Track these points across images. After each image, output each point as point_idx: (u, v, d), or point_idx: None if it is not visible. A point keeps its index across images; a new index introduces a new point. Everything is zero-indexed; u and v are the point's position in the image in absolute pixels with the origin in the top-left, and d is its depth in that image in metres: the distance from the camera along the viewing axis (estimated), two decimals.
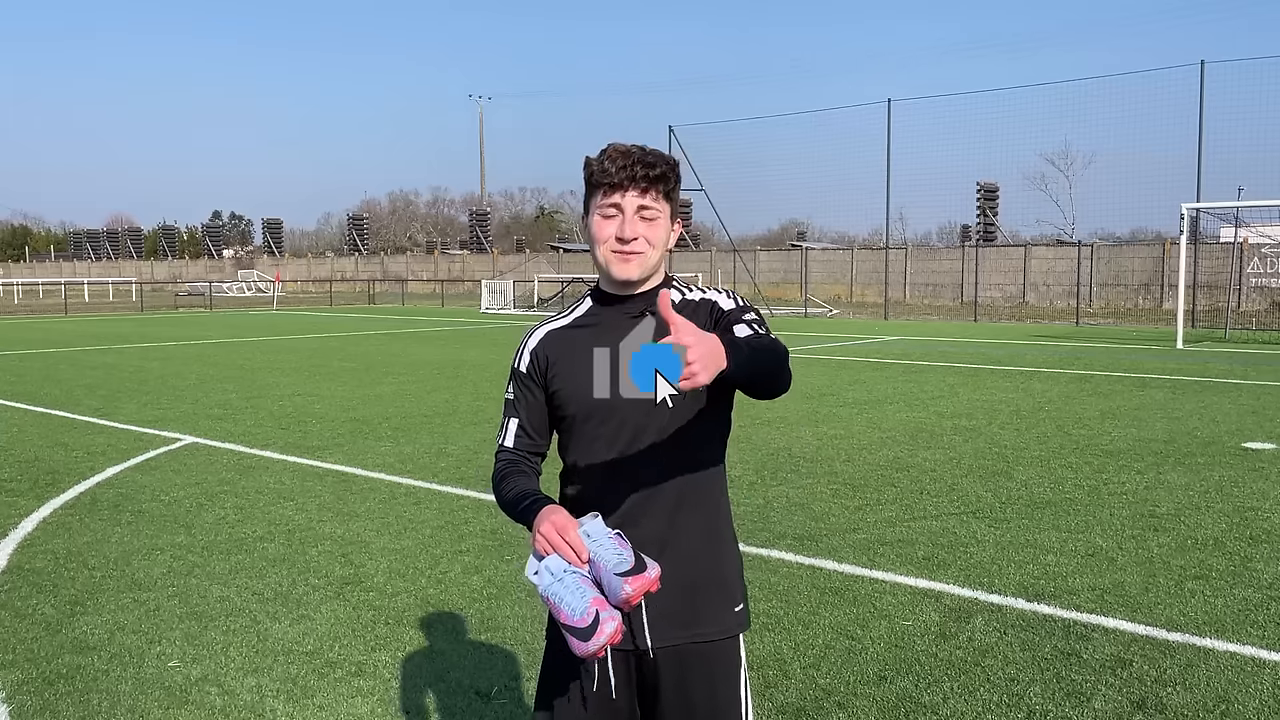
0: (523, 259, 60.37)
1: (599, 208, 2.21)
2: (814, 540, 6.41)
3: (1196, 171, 29.77)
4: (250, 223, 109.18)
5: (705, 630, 2.24)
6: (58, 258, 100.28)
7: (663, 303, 1.83)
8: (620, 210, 2.19)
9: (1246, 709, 4.02)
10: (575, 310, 2.37)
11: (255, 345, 23.03)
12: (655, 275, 2.29)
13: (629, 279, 2.22)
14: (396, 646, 4.74)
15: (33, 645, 4.78)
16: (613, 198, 2.19)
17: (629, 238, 2.18)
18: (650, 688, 2.25)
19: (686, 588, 2.22)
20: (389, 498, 7.69)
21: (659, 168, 2.19)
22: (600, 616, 2.00)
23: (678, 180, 2.25)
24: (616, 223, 2.20)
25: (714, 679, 2.25)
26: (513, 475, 2.30)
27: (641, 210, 2.19)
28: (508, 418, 2.37)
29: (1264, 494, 7.61)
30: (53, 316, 38.58)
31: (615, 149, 2.21)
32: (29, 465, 8.98)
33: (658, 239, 2.22)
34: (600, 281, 2.33)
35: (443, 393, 14.03)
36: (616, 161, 2.18)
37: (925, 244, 53.82)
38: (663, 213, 2.22)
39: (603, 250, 2.22)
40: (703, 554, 2.26)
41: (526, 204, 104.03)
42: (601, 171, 2.19)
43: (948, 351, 20.66)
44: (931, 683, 4.29)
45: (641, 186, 2.18)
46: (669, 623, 2.21)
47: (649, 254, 2.22)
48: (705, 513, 2.28)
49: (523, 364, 2.35)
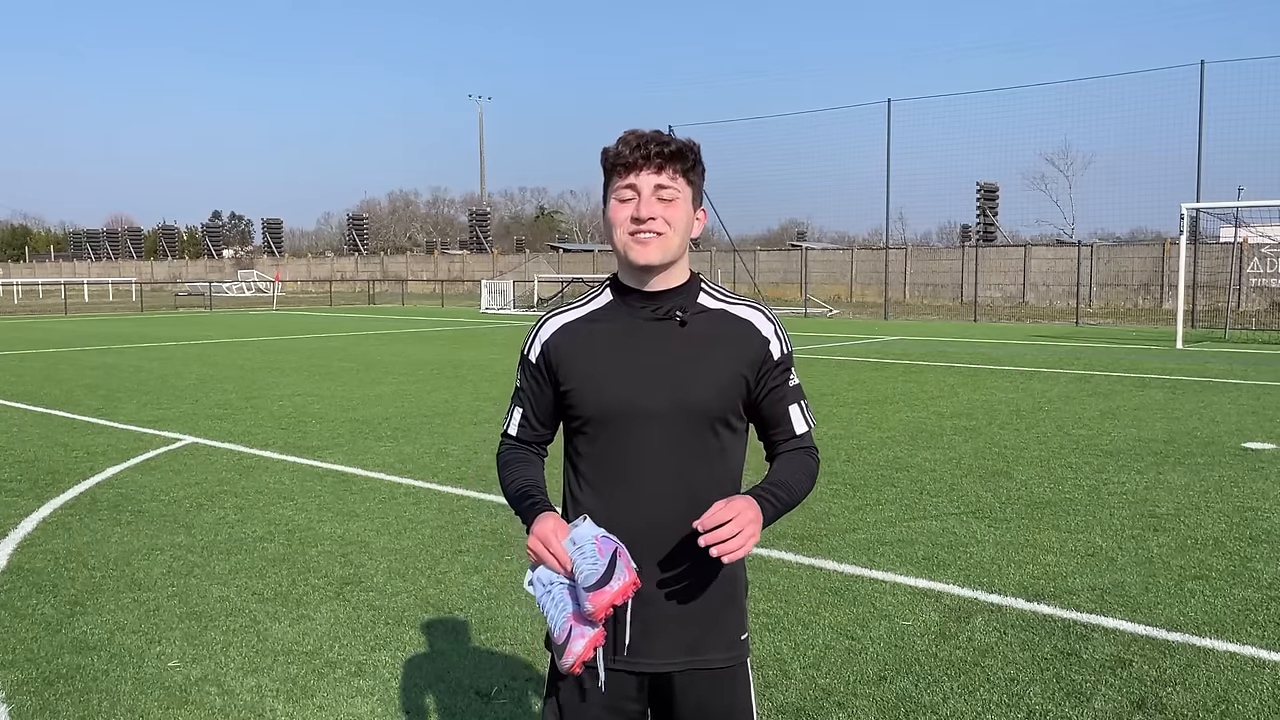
0: (522, 259, 60.37)
1: (615, 191, 2.12)
2: (814, 540, 6.41)
3: (1196, 171, 29.81)
4: (250, 223, 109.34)
5: (715, 657, 2.17)
6: (58, 258, 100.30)
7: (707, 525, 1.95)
8: (636, 191, 2.10)
9: (1246, 709, 4.02)
10: (592, 302, 2.25)
11: (255, 345, 23.03)
12: (679, 268, 2.18)
13: (648, 263, 2.10)
14: (396, 646, 4.74)
15: (33, 645, 4.78)
16: (628, 179, 2.10)
17: (645, 217, 2.08)
18: (664, 700, 2.20)
19: (696, 609, 2.16)
20: (389, 498, 7.69)
21: (674, 145, 2.10)
22: (572, 633, 1.96)
23: (697, 162, 2.15)
24: (633, 205, 2.10)
25: (726, 695, 2.19)
26: (515, 464, 2.26)
27: (659, 190, 2.09)
28: (514, 405, 2.30)
29: (1264, 494, 7.61)
30: (53, 316, 38.58)
31: (630, 132, 2.13)
32: (29, 465, 8.98)
33: (677, 221, 2.11)
34: (619, 273, 2.21)
35: (443, 393, 14.02)
36: (630, 143, 2.10)
37: (925, 244, 53.85)
38: (682, 194, 2.12)
39: (619, 234, 2.11)
40: (713, 574, 2.16)
41: (526, 204, 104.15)
42: (616, 154, 2.11)
43: (948, 351, 20.66)
44: (931, 683, 4.29)
45: (657, 164, 2.09)
46: (685, 647, 2.15)
47: (669, 236, 2.10)
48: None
49: (532, 353, 2.25)
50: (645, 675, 2.17)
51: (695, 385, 2.13)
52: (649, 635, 2.14)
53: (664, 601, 2.14)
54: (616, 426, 2.14)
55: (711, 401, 2.14)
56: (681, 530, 2.11)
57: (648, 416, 2.12)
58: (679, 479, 2.14)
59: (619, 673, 2.16)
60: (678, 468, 2.14)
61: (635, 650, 2.14)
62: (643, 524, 2.13)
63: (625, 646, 2.14)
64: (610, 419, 2.14)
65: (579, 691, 2.18)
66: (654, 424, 2.12)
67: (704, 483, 2.15)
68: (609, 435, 2.15)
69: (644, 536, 2.12)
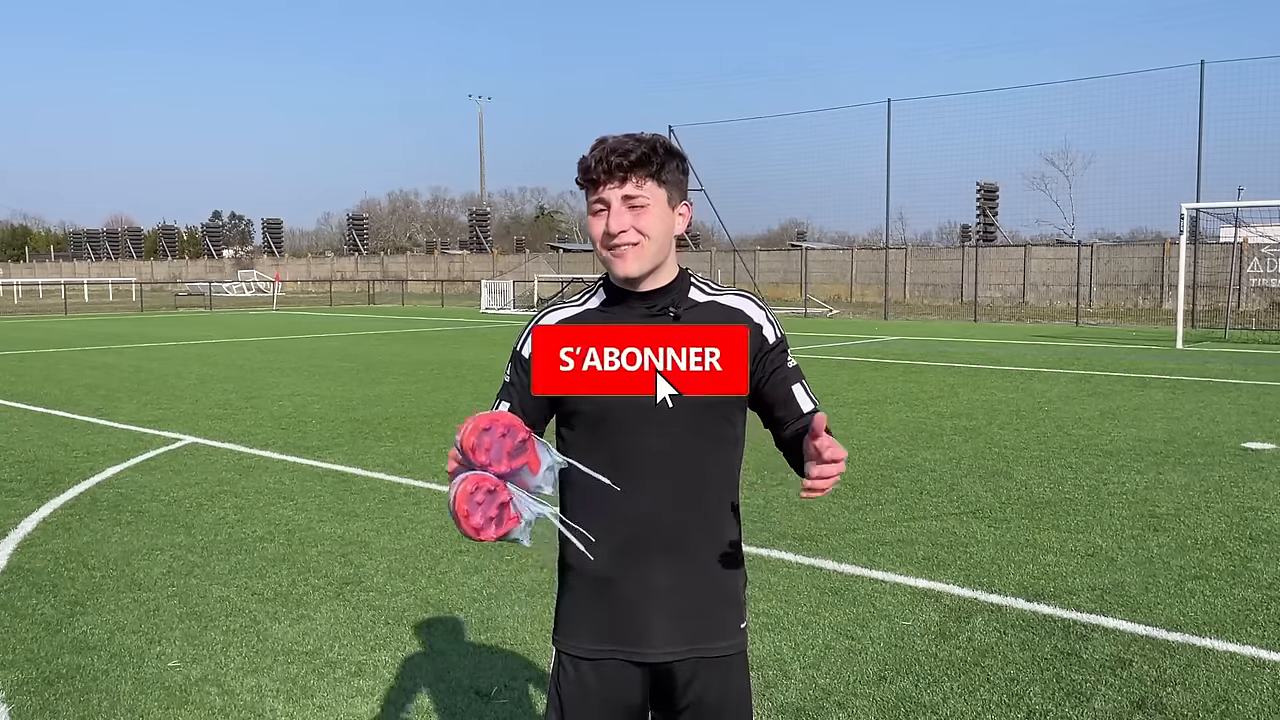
0: (522, 259, 60.37)
1: (590, 205, 2.13)
2: (814, 540, 6.41)
3: (1196, 171, 29.81)
4: (250, 223, 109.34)
5: (715, 646, 2.19)
6: (58, 258, 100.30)
7: (817, 430, 1.94)
8: (606, 205, 2.10)
9: (1246, 709, 4.02)
10: (588, 301, 2.26)
11: (255, 345, 23.03)
12: (666, 267, 2.18)
13: (629, 275, 2.12)
14: (396, 646, 4.74)
15: (33, 645, 4.78)
16: (597, 193, 2.10)
17: (615, 231, 2.08)
18: (665, 693, 2.21)
19: (696, 600, 2.17)
20: (389, 498, 7.69)
21: (636, 152, 2.07)
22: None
23: (668, 160, 2.11)
24: (604, 217, 2.10)
25: (725, 683, 2.21)
26: None
27: (627, 201, 2.08)
28: (499, 400, 2.25)
29: (1264, 494, 7.61)
30: (53, 316, 38.58)
31: (597, 142, 2.12)
32: (29, 465, 8.98)
33: (651, 227, 2.10)
34: (609, 275, 2.21)
35: (443, 393, 14.02)
36: (595, 155, 2.08)
37: (925, 244, 53.84)
38: (653, 199, 2.10)
39: (599, 248, 2.13)
40: (712, 565, 2.19)
41: (526, 204, 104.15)
42: (584, 169, 2.10)
43: (948, 351, 20.66)
44: (931, 683, 4.29)
45: (620, 177, 2.07)
46: (684, 636, 2.16)
47: (644, 245, 2.10)
48: (716, 523, 2.20)
49: (525, 349, 2.24)
50: (647, 667, 2.19)
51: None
52: (650, 626, 2.16)
53: (664, 593, 2.16)
54: (613, 421, 2.14)
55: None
56: (680, 523, 2.14)
57: (644, 410, 2.13)
58: (677, 473, 2.15)
59: (620, 663, 2.18)
60: (675, 462, 2.14)
61: (636, 640, 2.16)
62: (642, 517, 2.14)
63: (626, 637, 2.16)
64: (606, 414, 2.14)
65: (580, 687, 2.20)
66: (651, 418, 2.13)
67: (701, 477, 2.17)
68: (606, 431, 2.15)
69: (644, 529, 2.14)
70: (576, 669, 2.20)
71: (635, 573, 2.15)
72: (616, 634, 2.17)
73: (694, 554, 2.17)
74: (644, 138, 2.12)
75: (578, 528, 2.10)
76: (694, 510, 2.17)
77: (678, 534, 2.15)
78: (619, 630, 2.17)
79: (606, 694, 2.19)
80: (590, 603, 2.20)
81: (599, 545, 2.15)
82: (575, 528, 2.10)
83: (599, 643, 2.18)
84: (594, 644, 2.19)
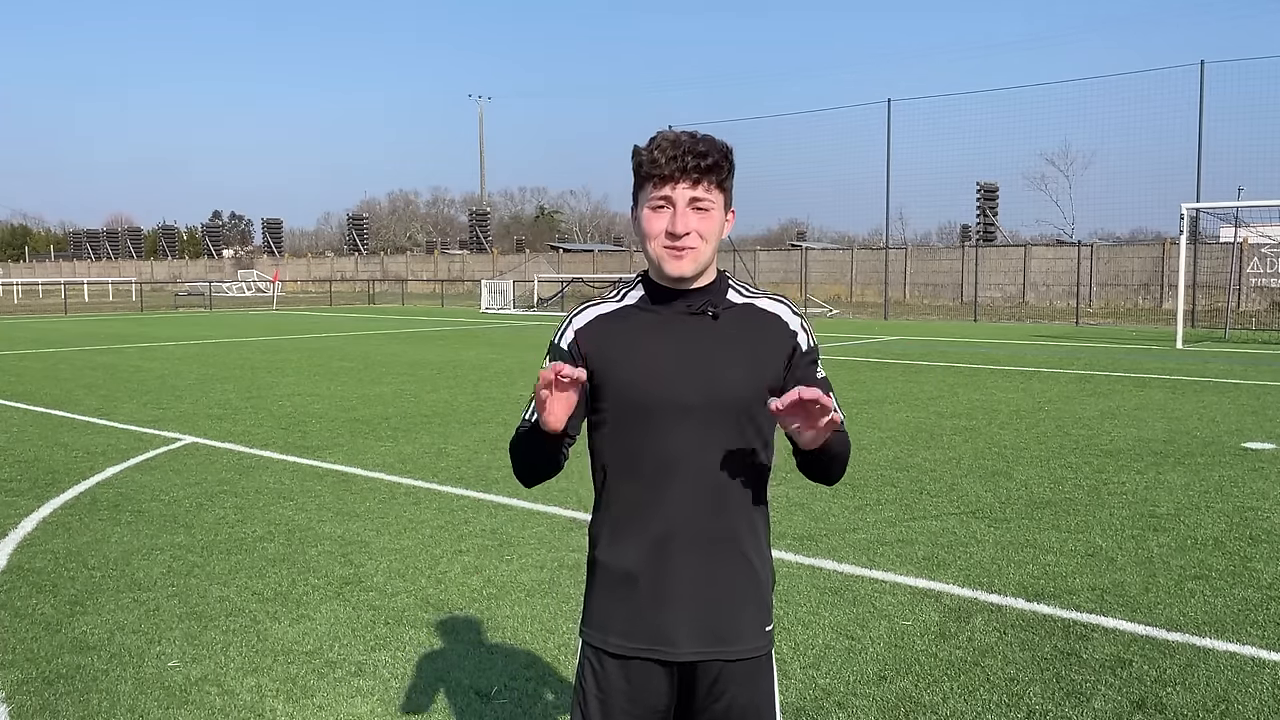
0: (522, 259, 60.38)
1: (649, 200, 2.09)
2: (814, 540, 6.41)
3: (1196, 171, 29.83)
4: (250, 223, 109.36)
5: (740, 647, 2.19)
6: (57, 258, 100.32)
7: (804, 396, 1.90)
8: (671, 204, 2.07)
9: (1246, 709, 4.02)
10: (626, 297, 2.23)
11: (255, 345, 23.03)
12: (710, 268, 2.18)
13: (683, 275, 2.11)
14: (396, 646, 4.74)
15: (33, 645, 4.78)
16: (663, 190, 2.07)
17: (681, 233, 2.06)
18: (689, 693, 2.21)
19: (723, 601, 2.17)
20: (389, 498, 7.69)
21: (711, 156, 2.06)
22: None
23: (732, 168, 2.12)
24: (667, 217, 2.08)
25: (750, 685, 2.21)
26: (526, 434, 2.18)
27: (694, 203, 2.07)
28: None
29: (1264, 494, 7.61)
30: (53, 316, 38.57)
31: (664, 137, 2.09)
32: (29, 465, 8.98)
33: (711, 232, 2.11)
34: (650, 272, 2.20)
35: (442, 393, 14.02)
36: (666, 151, 2.05)
37: (925, 244, 53.91)
38: (716, 204, 2.10)
39: (654, 246, 2.10)
40: (741, 567, 2.19)
41: (526, 204, 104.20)
42: (651, 162, 2.06)
43: (948, 351, 20.66)
44: (931, 683, 4.29)
45: (693, 178, 2.06)
46: (710, 637, 2.16)
47: (702, 249, 2.10)
48: (746, 524, 2.20)
49: (564, 341, 2.21)
50: (673, 666, 2.18)
51: (729, 379, 2.14)
52: (676, 625, 2.15)
53: (692, 593, 2.16)
54: (649, 419, 2.14)
55: (745, 395, 2.14)
56: (709, 524, 2.15)
57: (682, 409, 2.12)
58: (709, 473, 2.14)
59: (648, 665, 2.17)
60: (708, 462, 2.14)
61: (663, 639, 2.16)
62: (673, 515, 2.14)
63: (654, 635, 2.16)
64: (643, 411, 2.14)
65: (607, 682, 2.19)
66: (687, 417, 2.13)
67: (733, 479, 2.16)
68: (642, 428, 2.15)
69: (673, 528, 2.14)
70: (603, 664, 2.20)
71: (664, 571, 2.15)
72: (644, 632, 2.16)
73: (723, 554, 2.17)
74: (714, 141, 2.10)
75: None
76: (724, 511, 2.17)
77: (707, 534, 2.15)
78: (647, 628, 2.16)
79: (634, 694, 2.19)
80: (619, 599, 2.19)
81: (629, 542, 2.16)
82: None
83: (626, 639, 2.18)
84: (621, 640, 2.18)
